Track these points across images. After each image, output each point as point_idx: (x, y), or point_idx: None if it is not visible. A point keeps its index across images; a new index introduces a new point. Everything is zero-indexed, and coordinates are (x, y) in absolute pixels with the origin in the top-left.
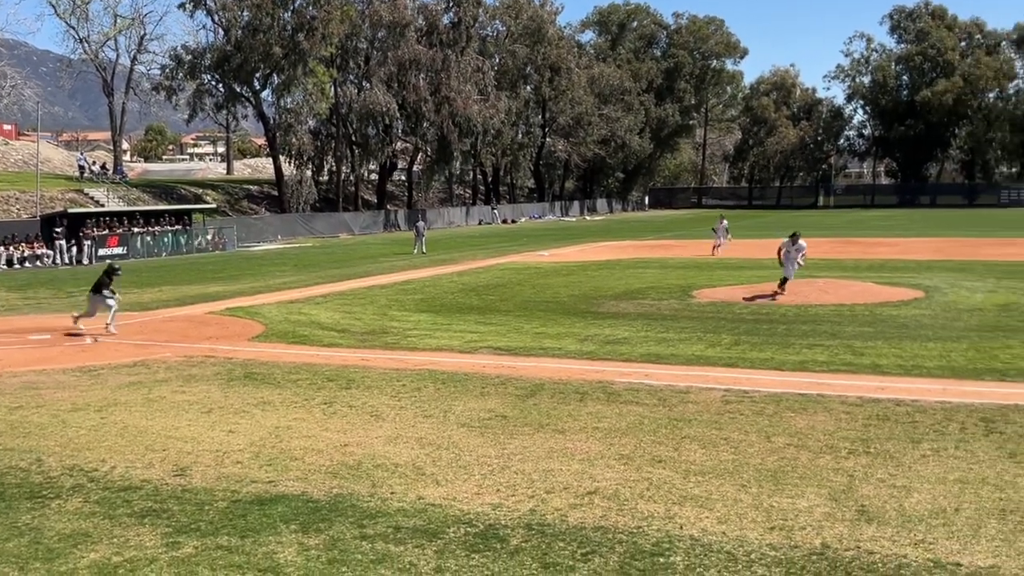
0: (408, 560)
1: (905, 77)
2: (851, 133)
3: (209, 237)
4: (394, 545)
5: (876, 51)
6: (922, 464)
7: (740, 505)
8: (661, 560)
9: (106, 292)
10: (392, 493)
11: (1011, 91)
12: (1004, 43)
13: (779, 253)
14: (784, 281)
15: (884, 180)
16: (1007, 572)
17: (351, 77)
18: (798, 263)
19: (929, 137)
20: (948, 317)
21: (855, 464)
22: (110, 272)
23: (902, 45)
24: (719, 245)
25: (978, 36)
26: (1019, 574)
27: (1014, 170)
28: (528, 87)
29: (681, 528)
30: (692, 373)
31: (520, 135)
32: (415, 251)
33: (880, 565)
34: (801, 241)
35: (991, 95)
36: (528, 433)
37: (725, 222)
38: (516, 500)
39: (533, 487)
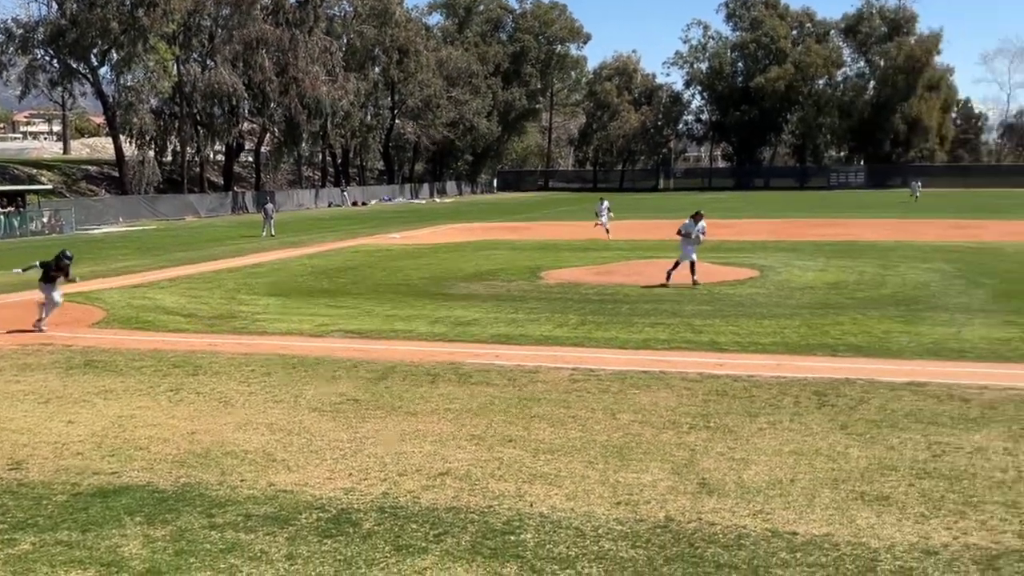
0: (259, 548)
1: (740, 64)
2: (689, 118)
3: (45, 220)
4: (244, 533)
5: (713, 38)
6: (759, 437)
7: (588, 481)
8: (512, 538)
9: (54, 285)
10: (242, 481)
11: (839, 78)
12: (833, 32)
13: (679, 233)
14: (692, 264)
15: (721, 163)
16: (840, 539)
17: (195, 55)
18: (699, 239)
19: (763, 122)
20: (781, 295)
21: (696, 438)
22: (59, 260)
23: (737, 33)
24: (599, 225)
25: (808, 25)
26: (851, 541)
27: (842, 154)
28: (377, 69)
29: (531, 506)
30: (541, 353)
31: (369, 117)
32: (264, 234)
33: (721, 536)
34: (703, 222)
35: (820, 82)
36: (380, 416)
37: (606, 203)
38: (369, 484)
39: (386, 470)
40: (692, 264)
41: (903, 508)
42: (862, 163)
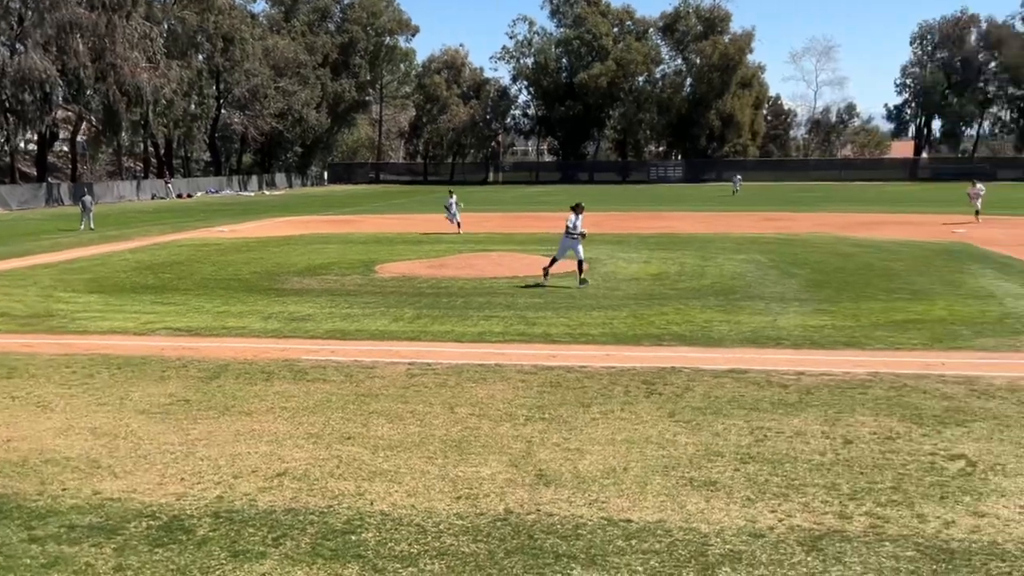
0: (84, 561)
1: (565, 60)
2: (517, 112)
3: None
4: (68, 546)
5: (538, 34)
6: (592, 427)
7: (428, 477)
8: (353, 538)
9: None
10: (64, 490)
11: (658, 75)
12: (652, 30)
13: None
14: (580, 263)
15: (547, 157)
16: (672, 525)
17: (3, 39)
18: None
19: (587, 117)
20: (609, 287)
21: (532, 430)
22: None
23: (561, 29)
24: (450, 219)
25: (629, 23)
26: (683, 526)
27: (661, 149)
28: (201, 57)
29: (372, 504)
30: (377, 348)
31: (194, 106)
32: (82, 227)
33: (559, 526)
34: (576, 216)
35: (640, 79)
36: (213, 417)
37: (455, 197)
38: (202, 488)
39: (220, 473)
40: (580, 263)
41: (730, 492)
42: (680, 158)
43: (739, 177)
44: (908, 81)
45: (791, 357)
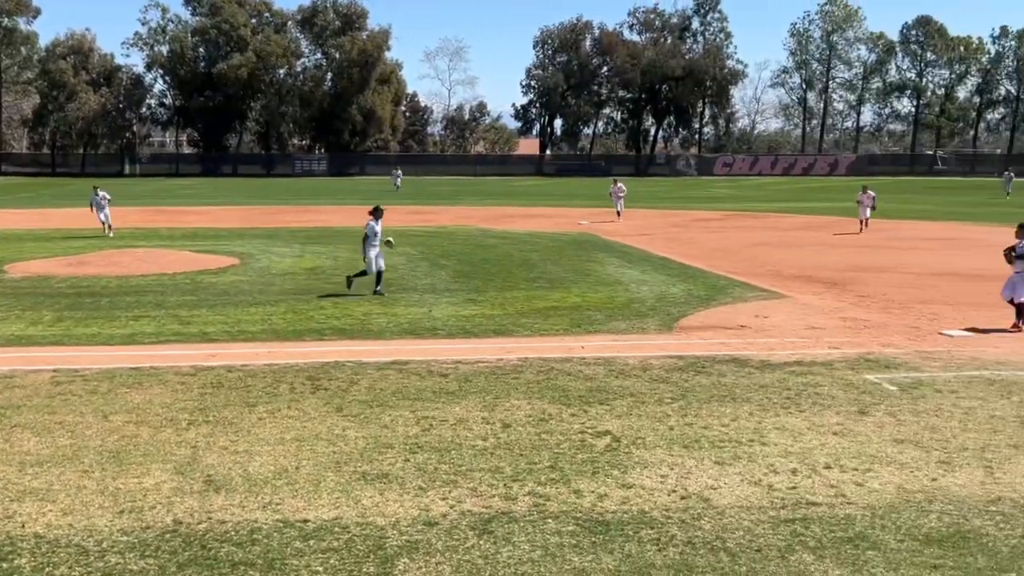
0: None
1: (202, 49)
2: (153, 102)
3: None
4: None
5: (172, 22)
6: (260, 427)
7: (85, 492)
8: (5, 566)
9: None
10: None
11: (299, 68)
12: (291, 23)
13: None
14: (380, 274)
15: (188, 150)
16: (349, 521)
17: None
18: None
19: (228, 109)
20: (264, 282)
21: (197, 434)
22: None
23: (197, 18)
24: (101, 219)
25: (267, 15)
26: (359, 521)
27: (305, 142)
28: None
29: (23, 527)
30: (14, 355)
31: None
32: None
33: (233, 533)
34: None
35: (281, 71)
36: None
37: (103, 192)
38: None
39: None
40: (380, 274)
41: (403, 483)
42: (323, 151)
43: (398, 172)
44: (532, 82)
45: (448, 346)
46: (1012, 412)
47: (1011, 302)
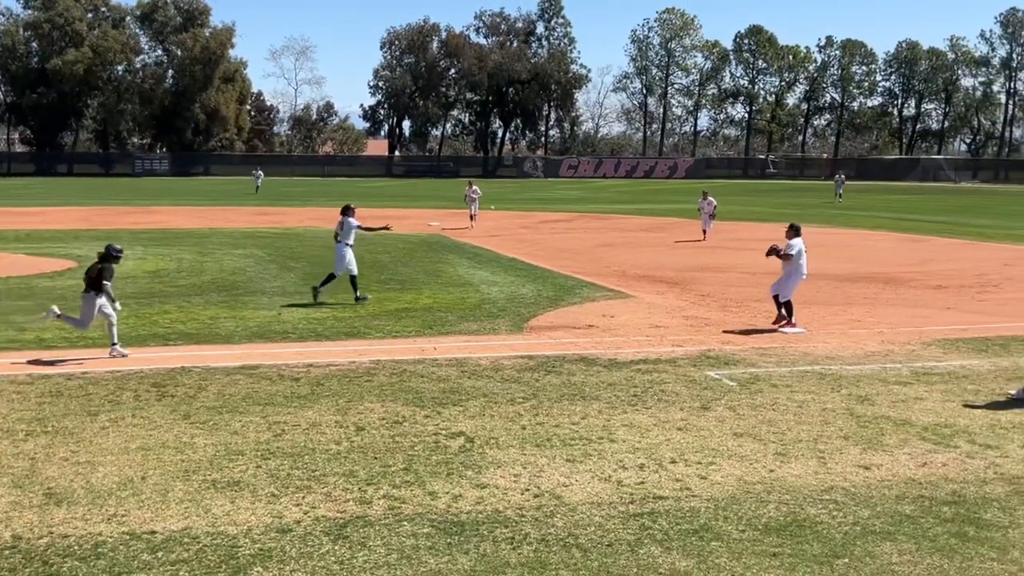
0: None
1: (35, 44)
2: None
3: None
4: None
5: (3, 15)
6: (103, 437)
7: None
8: None
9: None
10: None
11: (139, 65)
12: (129, 18)
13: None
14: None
15: (20, 148)
16: (199, 531)
17: None
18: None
19: (63, 106)
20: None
21: (35, 446)
22: (109, 257)
23: (29, 11)
24: None
25: (104, 9)
26: (209, 531)
27: (146, 141)
28: None
29: None
30: None
31: None
32: None
33: (76, 548)
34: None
35: (120, 68)
36: None
37: None
38: None
39: None
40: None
41: (255, 491)
42: (165, 151)
43: (259, 172)
44: (380, 83)
45: (299, 350)
46: (841, 404)
47: (776, 298)
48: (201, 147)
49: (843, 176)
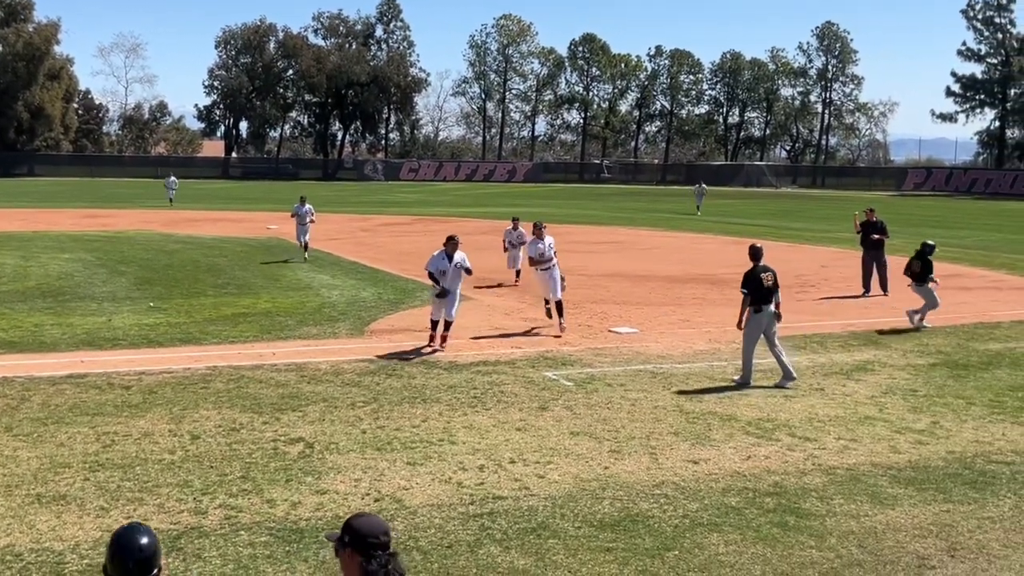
0: None
1: None
2: None
3: None
4: None
5: None
6: None
7: None
8: None
9: None
10: None
11: None
12: None
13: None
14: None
15: None
16: (23, 548)
17: None
18: None
19: None
20: None
21: None
22: None
23: None
24: None
25: None
26: (34, 547)
27: None
28: None
29: None
30: None
31: None
32: None
33: None
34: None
35: None
36: None
37: None
38: None
39: None
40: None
41: (82, 504)
42: None
43: (174, 179)
44: (216, 83)
45: (130, 357)
46: (672, 402)
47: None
48: (25, 147)
49: (704, 186)
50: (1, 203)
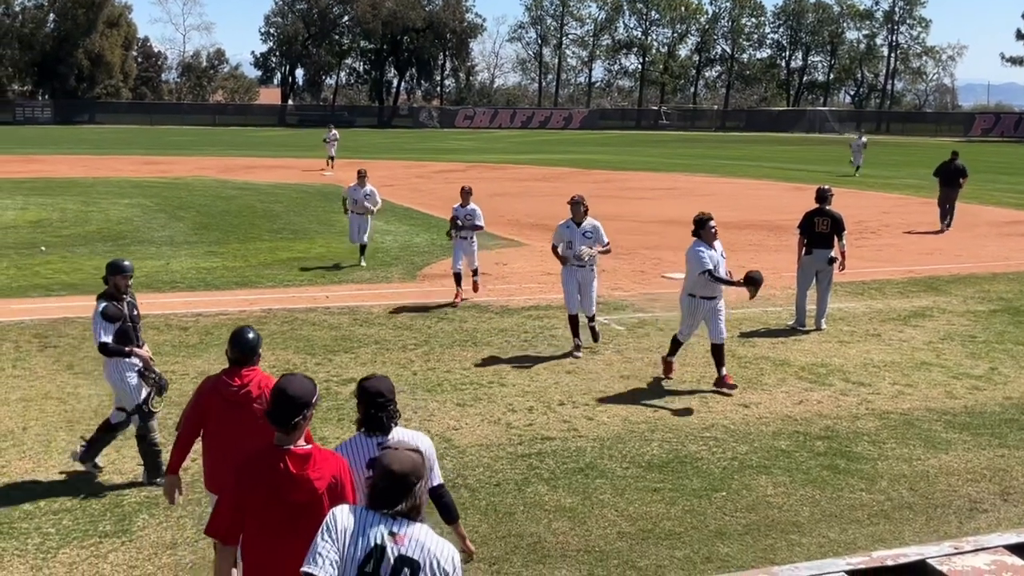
0: None
1: None
2: None
3: None
4: None
5: None
6: None
7: None
8: None
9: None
10: None
11: (17, 8)
12: None
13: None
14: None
15: None
16: (84, 480)
17: None
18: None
19: None
20: None
21: None
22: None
23: None
24: None
25: None
26: (95, 480)
27: (27, 88)
28: None
29: None
30: None
31: None
32: None
33: None
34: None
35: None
36: None
37: None
38: None
39: None
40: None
41: None
42: (48, 98)
43: (335, 132)
44: (272, 30)
45: (188, 299)
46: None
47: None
48: (85, 94)
49: (864, 138)
50: (63, 150)
